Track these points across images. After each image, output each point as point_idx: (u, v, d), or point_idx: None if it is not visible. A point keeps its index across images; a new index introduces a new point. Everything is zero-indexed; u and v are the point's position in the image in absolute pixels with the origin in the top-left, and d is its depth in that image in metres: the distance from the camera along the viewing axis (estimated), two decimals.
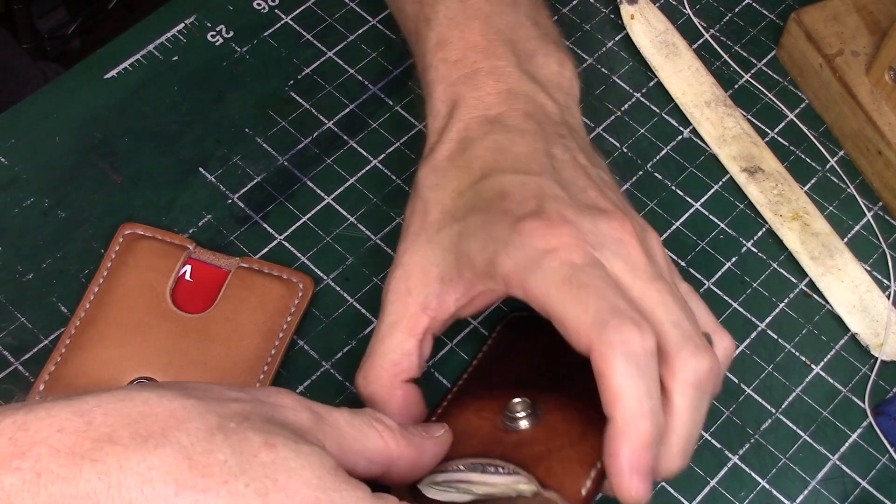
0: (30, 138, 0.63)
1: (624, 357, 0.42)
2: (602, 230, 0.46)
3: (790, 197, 0.63)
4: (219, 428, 0.38)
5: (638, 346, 0.42)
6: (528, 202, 0.46)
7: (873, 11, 0.66)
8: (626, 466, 0.42)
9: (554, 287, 0.43)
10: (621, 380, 0.42)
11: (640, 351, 0.42)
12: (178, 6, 0.68)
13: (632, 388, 0.42)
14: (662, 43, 0.68)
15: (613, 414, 0.42)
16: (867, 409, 0.57)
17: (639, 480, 0.42)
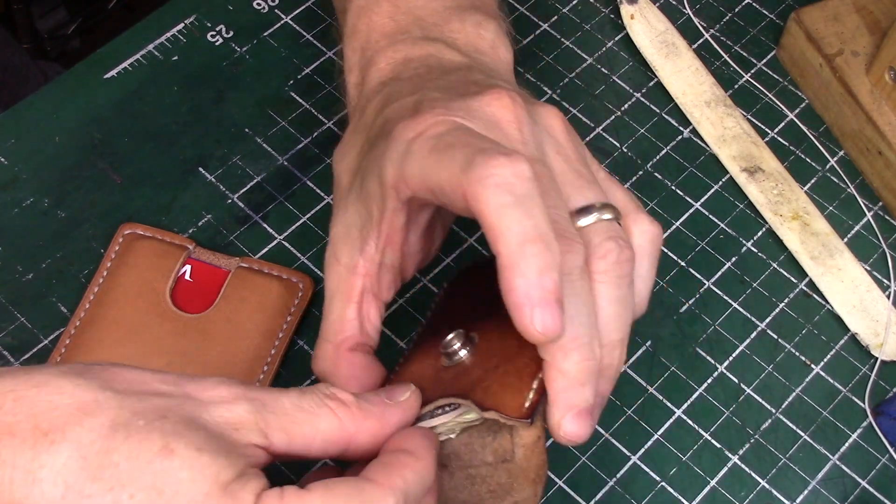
0: (30, 138, 0.63)
1: (495, 188, 0.38)
2: (473, 107, 0.43)
3: (790, 197, 0.63)
4: (124, 426, 0.36)
5: (509, 172, 0.39)
6: (406, 112, 0.44)
7: (873, 11, 0.66)
8: (523, 297, 0.38)
9: (423, 161, 0.41)
10: (498, 211, 0.38)
11: (513, 177, 0.39)
12: (178, 6, 0.68)
13: (510, 216, 0.38)
14: (662, 43, 0.68)
15: (498, 249, 0.38)
16: (867, 409, 0.57)
17: (542, 310, 0.38)
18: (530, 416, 0.42)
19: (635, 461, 0.55)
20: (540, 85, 0.66)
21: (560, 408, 0.40)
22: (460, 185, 0.39)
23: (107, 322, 0.55)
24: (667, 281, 0.60)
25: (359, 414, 0.41)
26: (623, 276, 0.42)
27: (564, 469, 0.55)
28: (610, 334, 0.42)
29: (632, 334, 0.43)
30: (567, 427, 0.40)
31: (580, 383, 0.40)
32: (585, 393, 0.40)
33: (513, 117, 0.43)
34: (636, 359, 0.58)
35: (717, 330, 0.59)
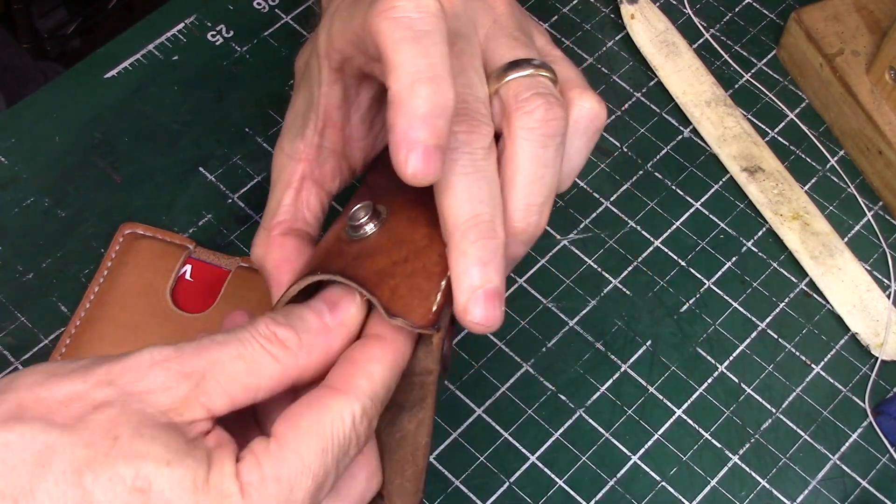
0: (30, 138, 0.63)
1: (394, 21, 0.37)
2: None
3: (790, 196, 0.63)
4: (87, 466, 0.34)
5: (411, 6, 0.37)
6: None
7: (873, 11, 0.66)
8: (401, 137, 0.36)
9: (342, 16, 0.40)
10: (393, 44, 0.36)
11: (415, 12, 0.37)
12: (178, 6, 0.68)
13: (405, 51, 0.36)
14: (662, 43, 0.68)
15: (390, 84, 0.37)
16: (867, 409, 0.57)
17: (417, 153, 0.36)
18: (436, 322, 0.40)
19: (635, 461, 0.55)
20: None
21: (463, 290, 0.38)
22: (366, 21, 0.38)
23: (107, 322, 0.55)
24: (667, 281, 0.60)
25: (301, 354, 0.38)
26: (549, 136, 0.40)
27: (564, 469, 0.55)
28: (528, 197, 0.40)
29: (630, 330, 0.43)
30: (474, 311, 0.38)
31: (482, 262, 0.38)
32: (489, 273, 0.38)
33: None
34: (636, 359, 0.58)
35: (717, 330, 0.59)
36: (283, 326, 0.38)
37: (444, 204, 0.39)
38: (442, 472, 0.54)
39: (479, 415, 0.56)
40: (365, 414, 0.37)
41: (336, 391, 0.37)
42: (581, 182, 0.63)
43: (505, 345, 0.58)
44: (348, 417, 0.37)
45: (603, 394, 0.57)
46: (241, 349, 0.37)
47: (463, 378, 0.57)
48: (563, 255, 0.61)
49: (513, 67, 0.41)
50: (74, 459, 0.34)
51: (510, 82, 0.40)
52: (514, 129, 0.40)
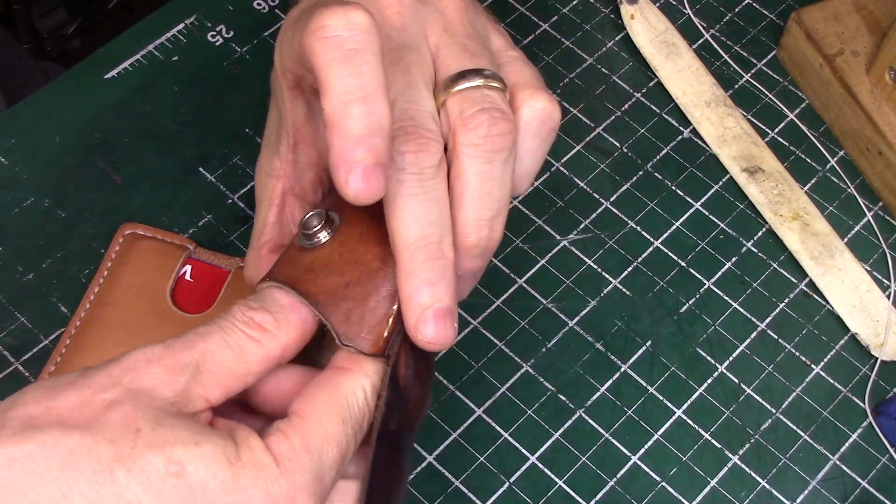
0: (30, 138, 0.63)
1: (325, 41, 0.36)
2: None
3: (790, 197, 0.63)
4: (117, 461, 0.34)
5: (341, 24, 0.36)
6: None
7: (873, 11, 0.66)
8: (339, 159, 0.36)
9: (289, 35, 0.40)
10: (325, 65, 0.36)
11: (345, 31, 0.36)
12: (178, 6, 0.68)
13: (337, 71, 0.36)
14: (662, 43, 0.68)
15: (324, 106, 0.37)
16: (867, 409, 0.57)
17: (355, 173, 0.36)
18: (385, 350, 0.40)
19: (635, 461, 0.55)
20: None
21: (413, 310, 0.39)
22: (301, 42, 0.37)
23: (107, 322, 0.55)
24: (667, 281, 0.60)
25: (280, 333, 0.39)
26: (495, 152, 0.40)
27: (564, 469, 0.55)
28: (477, 212, 0.40)
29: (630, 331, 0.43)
30: (424, 331, 0.39)
31: (431, 282, 0.39)
32: (438, 292, 0.39)
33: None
34: (636, 359, 0.58)
35: (717, 330, 0.59)
36: (257, 310, 0.39)
37: (393, 225, 0.39)
38: (442, 472, 0.54)
39: (478, 415, 0.56)
40: (374, 389, 0.39)
41: (347, 370, 0.39)
42: (581, 182, 0.63)
43: (505, 345, 0.58)
44: (360, 392, 0.38)
45: (603, 394, 0.57)
46: (225, 338, 0.38)
47: (463, 378, 0.57)
48: (563, 255, 0.61)
49: (460, 79, 0.40)
50: (102, 458, 0.34)
51: (455, 95, 0.40)
52: (458, 145, 0.39)
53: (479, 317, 0.58)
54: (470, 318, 0.58)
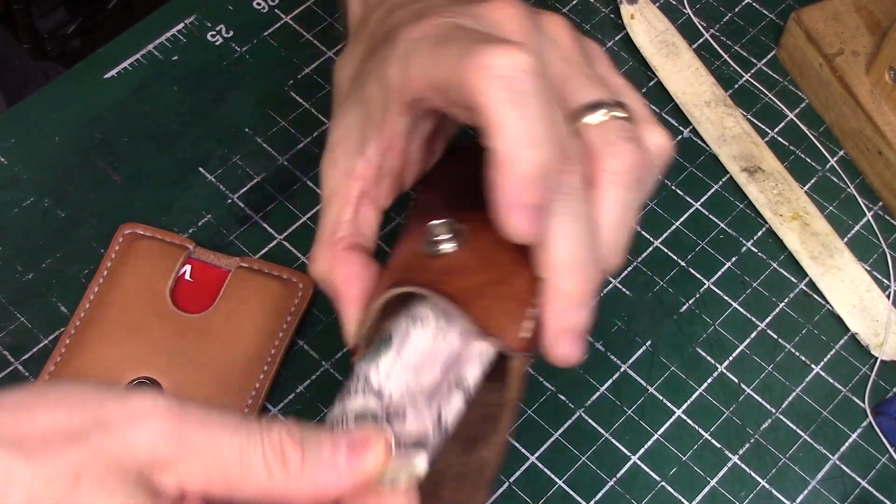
0: (30, 138, 0.63)
1: (495, 80, 0.37)
2: (476, 13, 0.42)
3: (790, 197, 0.63)
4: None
5: (509, 64, 0.37)
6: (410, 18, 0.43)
7: (873, 11, 0.66)
8: (509, 199, 0.37)
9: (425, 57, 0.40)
10: (496, 107, 0.37)
11: (513, 72, 0.37)
12: (178, 6, 0.68)
13: (510, 115, 0.37)
14: (662, 43, 0.68)
15: (494, 145, 0.37)
16: (867, 409, 0.57)
17: (521, 214, 0.38)
18: (529, 349, 0.41)
19: (635, 461, 0.55)
20: None
21: (555, 329, 0.40)
22: (459, 75, 0.38)
23: (107, 322, 0.55)
24: (667, 281, 0.60)
25: (295, 480, 0.36)
26: (637, 181, 0.41)
27: (564, 469, 0.55)
28: (616, 240, 0.41)
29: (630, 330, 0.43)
30: (562, 349, 0.40)
31: (578, 304, 0.39)
32: (582, 315, 0.40)
33: (516, 23, 0.42)
34: (636, 359, 0.58)
35: (717, 330, 0.59)
36: (294, 445, 0.36)
37: (546, 243, 0.39)
38: None
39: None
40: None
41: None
42: None
43: None
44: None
45: (603, 394, 0.57)
46: (243, 445, 0.36)
47: None
48: None
49: (596, 108, 0.41)
50: (31, 494, 0.33)
51: (593, 126, 0.41)
52: (601, 172, 0.40)
53: None
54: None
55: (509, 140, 0.37)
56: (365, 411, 0.38)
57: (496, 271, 0.42)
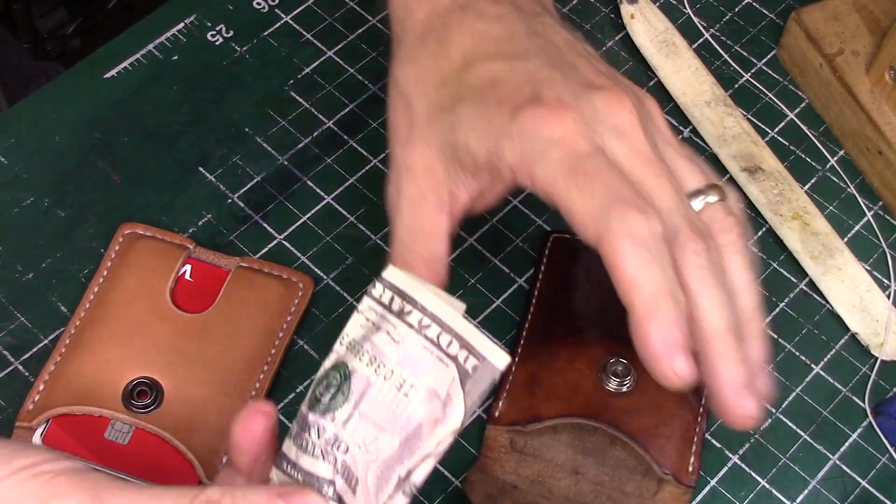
0: (30, 138, 0.63)
1: (633, 242, 0.40)
2: (600, 110, 0.44)
3: (790, 196, 0.63)
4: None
5: (646, 231, 0.41)
6: (523, 89, 0.44)
7: (873, 11, 0.66)
8: (662, 346, 0.40)
9: (561, 177, 0.42)
10: (634, 266, 0.40)
11: (648, 236, 0.41)
12: (178, 6, 0.68)
13: (646, 271, 0.40)
14: (662, 42, 0.68)
15: (633, 300, 0.41)
16: (867, 409, 0.57)
17: (677, 356, 0.40)
18: (696, 482, 0.52)
19: None
20: None
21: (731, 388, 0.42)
22: (595, 228, 0.41)
23: (107, 322, 0.55)
24: None
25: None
26: (747, 246, 0.45)
27: None
28: (753, 297, 0.44)
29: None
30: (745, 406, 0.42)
31: (742, 361, 0.42)
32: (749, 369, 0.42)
33: (637, 128, 0.44)
34: None
35: None
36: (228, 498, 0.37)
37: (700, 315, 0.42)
38: (442, 472, 0.54)
39: (478, 415, 0.56)
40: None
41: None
42: None
43: (505, 345, 0.58)
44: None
45: None
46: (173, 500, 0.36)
47: None
48: None
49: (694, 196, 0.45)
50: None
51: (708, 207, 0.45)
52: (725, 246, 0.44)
53: (480, 316, 0.58)
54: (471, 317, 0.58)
55: (648, 294, 0.40)
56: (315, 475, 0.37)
57: (664, 413, 0.53)
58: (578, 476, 0.52)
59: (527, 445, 0.53)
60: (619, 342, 0.52)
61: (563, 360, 0.54)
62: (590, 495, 0.52)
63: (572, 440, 0.53)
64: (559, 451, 0.53)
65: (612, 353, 0.54)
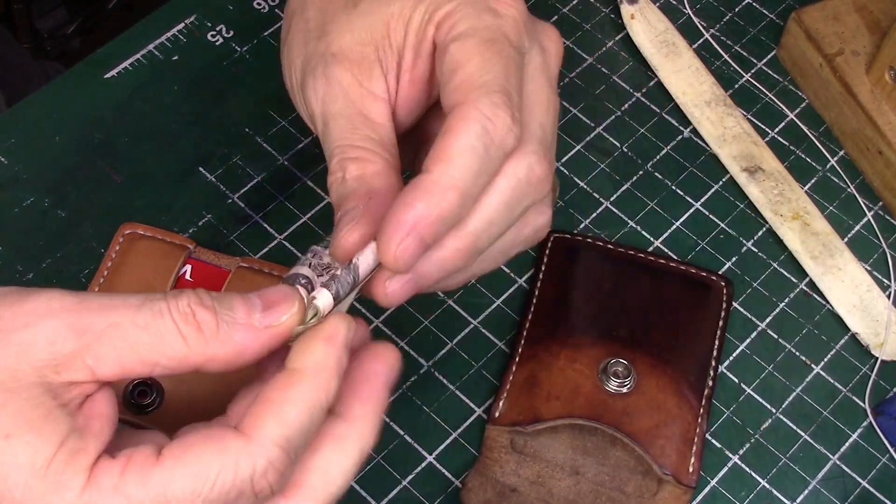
0: (30, 138, 0.63)
1: (480, 134, 0.38)
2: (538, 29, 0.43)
3: (790, 197, 0.63)
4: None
5: (499, 135, 0.38)
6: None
7: (873, 11, 0.66)
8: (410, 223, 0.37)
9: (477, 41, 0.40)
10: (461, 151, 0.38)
11: (497, 141, 0.38)
12: (178, 6, 0.68)
13: (465, 159, 0.38)
14: (662, 43, 0.68)
15: (431, 168, 0.38)
16: (867, 409, 0.57)
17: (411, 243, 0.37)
18: (696, 482, 0.53)
19: None
20: None
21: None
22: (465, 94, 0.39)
23: None
24: None
25: (213, 343, 0.35)
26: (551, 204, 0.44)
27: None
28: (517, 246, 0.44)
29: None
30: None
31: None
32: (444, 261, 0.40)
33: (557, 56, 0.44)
34: None
35: None
36: (205, 309, 0.36)
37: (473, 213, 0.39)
38: (441, 472, 0.54)
39: (478, 415, 0.56)
40: (271, 466, 0.34)
41: (241, 436, 0.35)
42: (581, 182, 0.63)
43: (505, 345, 0.58)
44: (245, 469, 0.34)
45: None
46: (151, 320, 0.35)
47: (463, 378, 0.57)
48: None
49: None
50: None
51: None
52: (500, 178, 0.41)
53: (480, 316, 0.58)
54: (471, 317, 0.58)
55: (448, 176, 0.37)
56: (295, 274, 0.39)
57: (665, 414, 0.53)
58: (578, 476, 0.52)
59: (527, 446, 0.53)
60: (620, 343, 0.53)
61: (563, 361, 0.54)
62: (590, 496, 0.52)
63: (572, 440, 0.53)
64: (559, 452, 0.53)
65: (612, 354, 0.54)
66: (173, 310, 0.35)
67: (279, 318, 0.36)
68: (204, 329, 0.35)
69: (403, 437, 0.55)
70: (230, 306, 0.36)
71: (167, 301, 0.35)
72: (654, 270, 0.59)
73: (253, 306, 0.36)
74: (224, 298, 0.36)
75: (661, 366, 0.55)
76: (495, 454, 0.53)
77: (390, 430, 0.55)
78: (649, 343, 0.55)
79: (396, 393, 0.56)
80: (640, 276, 0.58)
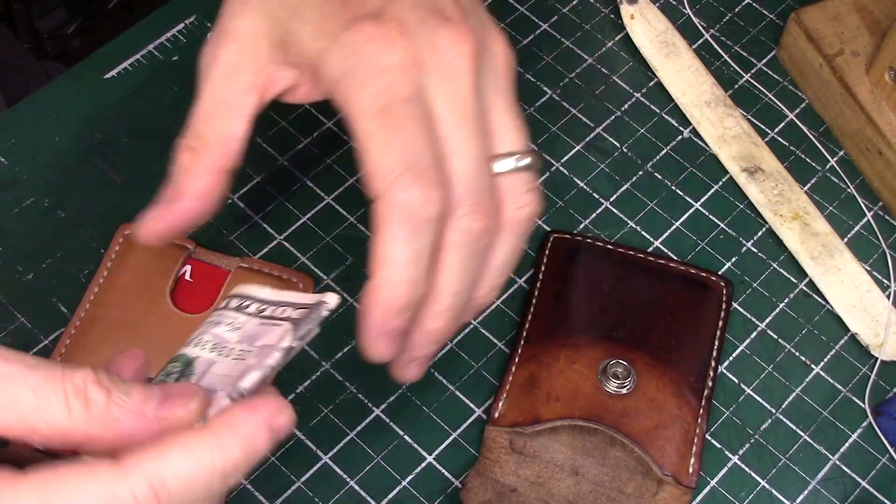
0: (30, 138, 0.63)
1: (402, 219, 0.40)
2: (440, 46, 0.42)
3: (790, 197, 0.63)
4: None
5: (421, 213, 0.40)
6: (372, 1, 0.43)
7: (873, 11, 0.66)
8: (374, 327, 0.42)
9: (370, 114, 0.41)
10: (391, 241, 0.41)
11: (420, 218, 0.40)
12: (178, 6, 0.68)
13: (400, 252, 0.41)
14: (662, 43, 0.68)
15: (375, 273, 0.41)
16: (867, 409, 0.57)
17: (383, 342, 0.42)
18: (696, 483, 0.52)
19: None
20: (540, 85, 0.66)
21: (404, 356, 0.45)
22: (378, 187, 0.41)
23: (107, 322, 0.55)
24: None
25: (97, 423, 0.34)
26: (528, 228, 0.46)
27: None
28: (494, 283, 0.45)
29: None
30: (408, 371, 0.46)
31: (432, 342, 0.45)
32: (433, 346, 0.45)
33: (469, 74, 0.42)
34: None
35: None
36: (100, 388, 0.34)
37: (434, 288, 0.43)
38: (441, 472, 0.54)
39: (478, 415, 0.56)
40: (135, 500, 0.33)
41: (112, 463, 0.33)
42: (581, 182, 0.63)
43: (505, 345, 0.58)
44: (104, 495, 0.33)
45: None
46: (42, 382, 0.34)
47: (462, 378, 0.57)
48: None
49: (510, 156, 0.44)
50: None
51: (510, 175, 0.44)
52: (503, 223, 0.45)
53: (480, 317, 0.58)
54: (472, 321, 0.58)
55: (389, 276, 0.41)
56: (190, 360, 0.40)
57: (664, 415, 0.53)
58: (578, 477, 0.52)
59: (526, 446, 0.53)
60: (619, 344, 0.53)
61: (562, 362, 0.54)
62: (590, 496, 0.52)
63: (572, 441, 0.53)
64: (559, 452, 0.53)
65: (611, 355, 0.54)
66: (67, 380, 0.34)
67: (173, 412, 0.35)
68: (91, 407, 0.34)
69: (403, 437, 0.55)
70: (127, 392, 0.35)
71: (63, 370, 0.34)
72: (654, 271, 0.59)
73: (150, 396, 0.35)
74: (123, 384, 0.35)
75: (661, 366, 0.55)
76: (495, 454, 0.53)
77: (390, 430, 0.55)
78: (649, 343, 0.55)
79: (396, 393, 0.56)
80: (640, 276, 0.58)
